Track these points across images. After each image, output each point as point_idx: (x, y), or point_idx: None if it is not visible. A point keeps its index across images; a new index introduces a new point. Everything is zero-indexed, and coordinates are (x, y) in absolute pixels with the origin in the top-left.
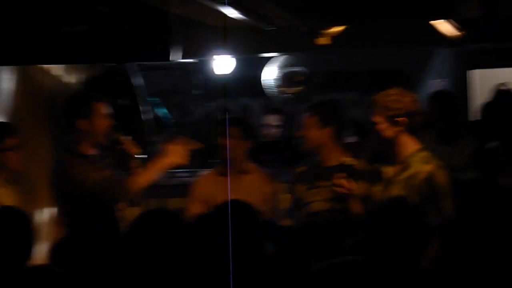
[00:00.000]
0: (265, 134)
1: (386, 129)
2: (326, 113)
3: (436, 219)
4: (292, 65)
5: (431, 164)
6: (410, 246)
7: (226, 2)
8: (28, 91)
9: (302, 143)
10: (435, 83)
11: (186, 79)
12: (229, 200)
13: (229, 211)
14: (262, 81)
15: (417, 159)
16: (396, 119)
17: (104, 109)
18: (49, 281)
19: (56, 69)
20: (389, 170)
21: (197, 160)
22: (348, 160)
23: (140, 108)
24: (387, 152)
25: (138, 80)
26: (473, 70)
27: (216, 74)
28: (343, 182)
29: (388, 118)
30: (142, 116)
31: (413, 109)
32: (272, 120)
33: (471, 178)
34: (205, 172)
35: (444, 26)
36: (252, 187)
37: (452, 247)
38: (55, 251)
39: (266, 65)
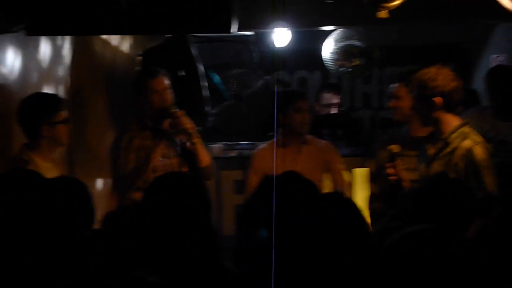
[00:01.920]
0: (323, 109)
1: (424, 107)
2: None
3: (478, 194)
4: (350, 38)
5: (469, 139)
6: (454, 222)
7: None
8: (88, 62)
9: (393, 113)
10: (495, 58)
11: (244, 52)
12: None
13: (274, 182)
14: (320, 55)
15: (456, 136)
16: (433, 98)
17: (161, 85)
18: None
19: (116, 40)
20: (432, 148)
21: (256, 133)
22: (396, 147)
23: (200, 80)
24: (431, 130)
25: (195, 52)
26: None
27: (275, 47)
28: (391, 170)
29: (425, 97)
30: (202, 88)
31: (449, 88)
32: (331, 95)
33: None
34: (264, 144)
35: (506, 1)
36: (312, 157)
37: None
38: (111, 220)
39: (325, 39)
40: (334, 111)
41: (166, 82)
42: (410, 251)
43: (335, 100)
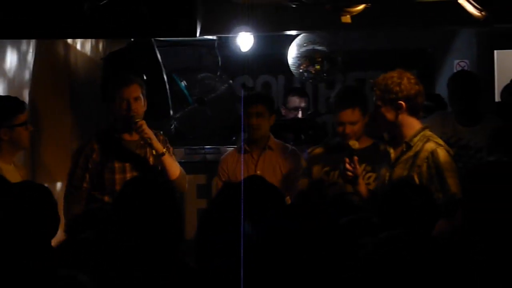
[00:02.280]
0: (290, 112)
1: (387, 111)
2: (363, 102)
3: (442, 196)
4: (314, 43)
5: (432, 142)
6: (418, 225)
7: None
8: (50, 65)
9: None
10: (458, 64)
11: (208, 56)
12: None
13: (242, 187)
14: (284, 59)
15: (418, 139)
16: (397, 102)
17: (133, 93)
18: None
19: (80, 44)
20: (394, 152)
21: (220, 137)
22: (355, 143)
23: (165, 84)
24: (392, 134)
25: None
26: (500, 51)
27: (238, 51)
28: (348, 166)
29: (389, 101)
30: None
31: (413, 91)
32: (298, 99)
33: (490, 160)
34: (231, 149)
35: (469, 6)
36: (273, 163)
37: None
38: (75, 225)
39: (288, 43)
40: (300, 114)
41: (139, 90)
42: (390, 255)
43: (302, 103)
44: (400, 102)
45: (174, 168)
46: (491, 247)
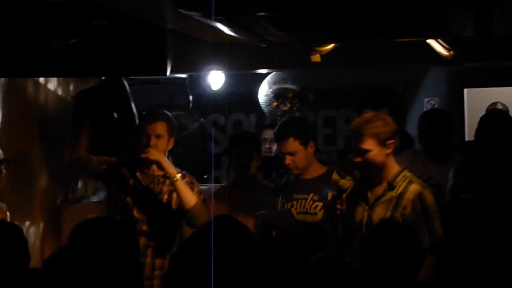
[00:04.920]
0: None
1: (378, 153)
2: (304, 134)
3: (427, 238)
4: (285, 81)
5: (416, 184)
6: (405, 265)
7: (213, 18)
8: (19, 104)
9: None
10: (428, 102)
11: (179, 94)
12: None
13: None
14: (255, 97)
15: (400, 179)
16: (387, 142)
17: (152, 129)
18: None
19: (50, 82)
20: (370, 192)
21: (192, 175)
22: (345, 183)
23: (137, 121)
24: (371, 174)
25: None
26: (470, 89)
27: (210, 90)
28: (339, 206)
29: (380, 142)
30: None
31: (396, 130)
32: (270, 130)
33: (458, 198)
34: (217, 187)
35: (437, 45)
36: (253, 202)
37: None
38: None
39: (259, 81)
40: (273, 150)
41: (163, 128)
42: None
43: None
44: (391, 141)
45: (188, 196)
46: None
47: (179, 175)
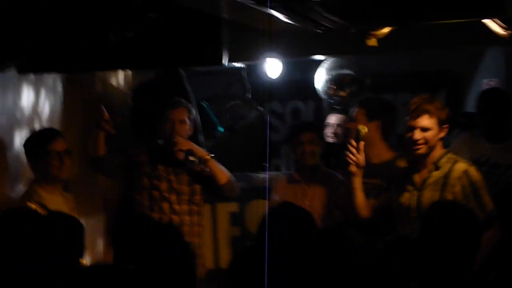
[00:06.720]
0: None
1: (436, 134)
2: (373, 108)
3: (479, 213)
4: (342, 67)
5: (461, 162)
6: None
7: (269, 5)
8: (79, 98)
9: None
10: (488, 82)
11: (236, 84)
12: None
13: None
14: (313, 84)
15: (445, 161)
16: (443, 125)
17: (175, 115)
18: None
19: (111, 76)
20: (418, 175)
21: (251, 164)
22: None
23: (195, 113)
24: (420, 156)
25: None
26: None
27: (267, 78)
28: (353, 150)
29: (439, 123)
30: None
31: (449, 117)
32: (337, 116)
33: None
34: (281, 177)
35: (494, 25)
36: (322, 193)
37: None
38: None
39: (316, 68)
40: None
41: (185, 114)
42: None
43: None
44: (446, 126)
45: (222, 173)
46: None
47: (209, 156)
